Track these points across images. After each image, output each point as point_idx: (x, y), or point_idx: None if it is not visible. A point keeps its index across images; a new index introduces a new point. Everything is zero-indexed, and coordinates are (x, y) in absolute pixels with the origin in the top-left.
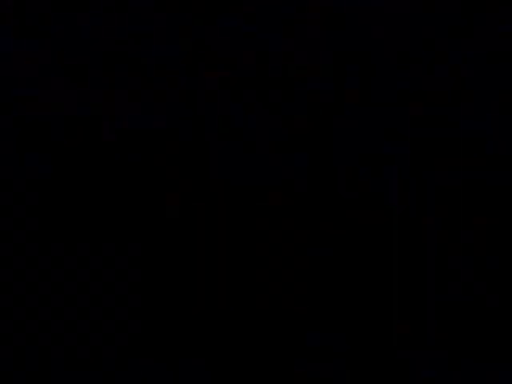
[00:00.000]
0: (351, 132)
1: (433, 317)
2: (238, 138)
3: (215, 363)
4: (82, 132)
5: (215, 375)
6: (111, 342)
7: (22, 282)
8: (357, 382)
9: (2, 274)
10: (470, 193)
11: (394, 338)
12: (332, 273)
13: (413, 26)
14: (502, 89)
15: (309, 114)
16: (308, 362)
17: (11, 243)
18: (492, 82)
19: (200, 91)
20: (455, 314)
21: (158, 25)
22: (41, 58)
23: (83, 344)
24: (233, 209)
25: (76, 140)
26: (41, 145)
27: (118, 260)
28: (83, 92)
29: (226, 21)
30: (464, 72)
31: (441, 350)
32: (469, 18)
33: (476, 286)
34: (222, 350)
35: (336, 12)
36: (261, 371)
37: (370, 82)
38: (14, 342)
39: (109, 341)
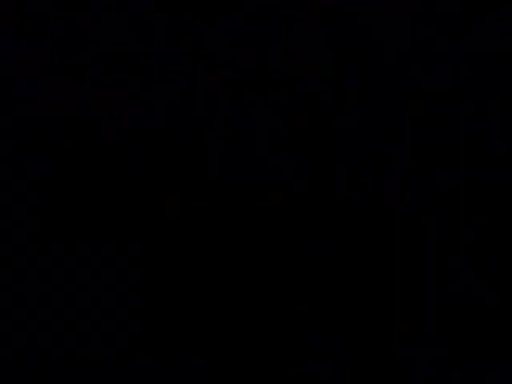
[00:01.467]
0: (351, 132)
1: (433, 317)
2: (237, 137)
3: (215, 363)
4: (82, 132)
5: (215, 375)
6: (111, 342)
7: (22, 282)
8: (357, 382)
9: (2, 274)
10: (470, 193)
11: (394, 337)
12: (332, 273)
13: (413, 26)
14: (501, 89)
15: (309, 114)
16: (308, 362)
17: (11, 243)
18: (492, 82)
19: (200, 91)
20: (455, 314)
21: (158, 25)
22: (41, 58)
23: (83, 344)
24: (233, 209)
25: (76, 140)
26: (41, 145)
27: (117, 260)
28: (83, 92)
29: (226, 21)
30: (464, 72)
31: (441, 350)
32: (469, 18)
33: (476, 286)
34: (222, 350)
35: (336, 12)
36: (261, 371)
37: (369, 82)
38: (14, 342)
39: (109, 341)
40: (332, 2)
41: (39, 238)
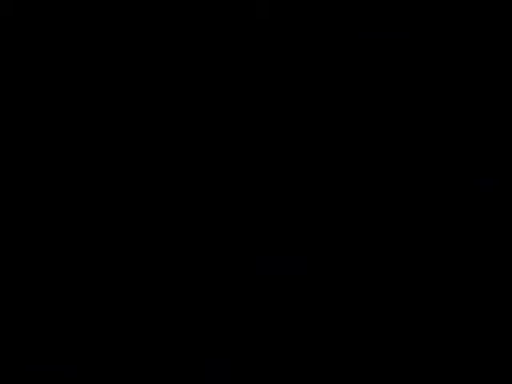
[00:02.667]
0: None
1: (430, 315)
2: None
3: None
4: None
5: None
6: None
7: (22, 282)
8: (357, 381)
9: (2, 273)
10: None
11: (393, 337)
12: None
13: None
14: (501, 89)
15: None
16: (304, 362)
17: (11, 243)
18: (492, 82)
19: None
20: (455, 313)
21: None
22: None
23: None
24: (233, 209)
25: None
26: None
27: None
28: None
29: None
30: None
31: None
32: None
33: (476, 286)
34: (224, 350)
35: None
36: (261, 371)
37: None
38: (14, 342)
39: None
40: None
41: (39, 237)
